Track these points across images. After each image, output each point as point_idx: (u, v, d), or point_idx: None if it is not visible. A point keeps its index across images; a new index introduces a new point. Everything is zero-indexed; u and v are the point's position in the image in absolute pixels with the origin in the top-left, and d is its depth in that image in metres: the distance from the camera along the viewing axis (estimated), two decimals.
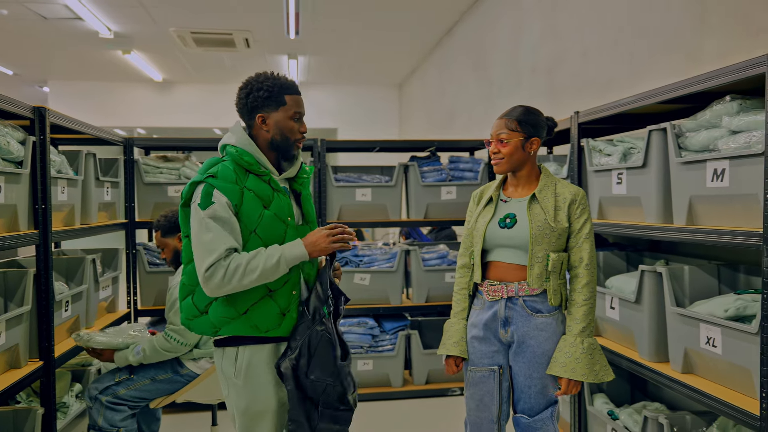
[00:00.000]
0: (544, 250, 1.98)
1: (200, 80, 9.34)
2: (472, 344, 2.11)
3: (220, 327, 1.76)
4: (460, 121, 6.28)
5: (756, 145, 1.82)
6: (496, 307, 2.05)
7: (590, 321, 1.98)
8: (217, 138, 4.15)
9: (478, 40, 5.69)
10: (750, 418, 1.78)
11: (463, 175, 3.97)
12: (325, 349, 1.75)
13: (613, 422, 2.56)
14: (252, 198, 1.75)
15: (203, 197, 1.71)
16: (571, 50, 3.87)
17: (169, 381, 2.62)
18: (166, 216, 2.79)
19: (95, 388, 2.58)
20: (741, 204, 1.89)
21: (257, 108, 1.83)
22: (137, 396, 2.59)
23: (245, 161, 1.78)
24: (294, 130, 1.84)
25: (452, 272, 3.91)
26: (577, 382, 1.95)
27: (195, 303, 1.79)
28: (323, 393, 1.76)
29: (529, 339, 2.01)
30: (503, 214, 2.06)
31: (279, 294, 1.77)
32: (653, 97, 2.22)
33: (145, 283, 3.64)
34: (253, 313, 1.75)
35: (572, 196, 2.02)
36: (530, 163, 2.05)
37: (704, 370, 2.10)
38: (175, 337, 2.52)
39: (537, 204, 2.01)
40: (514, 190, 2.10)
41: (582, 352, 1.94)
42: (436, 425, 3.48)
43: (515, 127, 2.00)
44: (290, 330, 1.80)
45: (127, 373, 2.60)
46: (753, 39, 2.41)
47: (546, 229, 1.97)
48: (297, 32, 6.70)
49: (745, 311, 1.94)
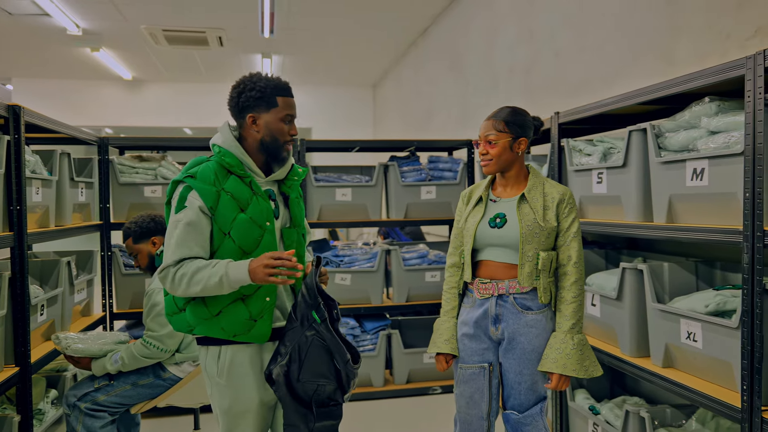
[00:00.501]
0: (534, 249, 2.01)
1: (171, 79, 9.19)
2: (462, 342, 2.12)
3: (194, 326, 1.78)
4: (437, 121, 6.31)
5: (735, 145, 1.88)
6: (486, 304, 2.07)
7: (579, 318, 2.02)
8: (192, 138, 4.11)
9: (453, 41, 5.73)
10: (732, 410, 1.83)
11: (442, 175, 3.99)
12: (316, 353, 1.74)
13: (595, 417, 2.61)
14: (228, 201, 1.75)
15: (179, 200, 1.74)
16: (546, 51, 3.93)
17: (151, 386, 2.57)
18: (137, 222, 2.72)
19: (73, 394, 2.51)
20: (720, 202, 1.95)
21: (248, 108, 1.82)
22: (117, 402, 2.53)
23: (226, 162, 1.78)
24: (284, 132, 1.83)
25: (432, 271, 3.93)
26: (567, 378, 1.98)
27: (175, 300, 1.81)
28: (315, 393, 1.75)
29: (520, 336, 2.03)
30: (493, 214, 2.08)
31: (252, 300, 1.76)
32: (634, 98, 2.27)
33: (121, 286, 3.56)
34: (224, 316, 1.75)
35: (560, 196, 2.05)
36: (518, 163, 2.08)
37: (684, 364, 2.16)
38: (154, 343, 2.47)
39: (526, 204, 2.04)
40: (503, 190, 2.13)
41: (572, 348, 1.97)
42: (417, 424, 3.49)
43: (503, 128, 2.03)
44: (263, 338, 1.78)
45: (106, 378, 2.54)
46: (724, 42, 2.48)
47: (535, 229, 1.99)
48: (272, 31, 6.65)
49: (725, 306, 2.00)
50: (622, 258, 2.97)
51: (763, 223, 1.71)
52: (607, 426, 2.51)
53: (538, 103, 4.00)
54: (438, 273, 3.93)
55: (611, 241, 3.10)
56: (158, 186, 3.59)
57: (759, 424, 1.72)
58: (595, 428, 2.62)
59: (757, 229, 1.72)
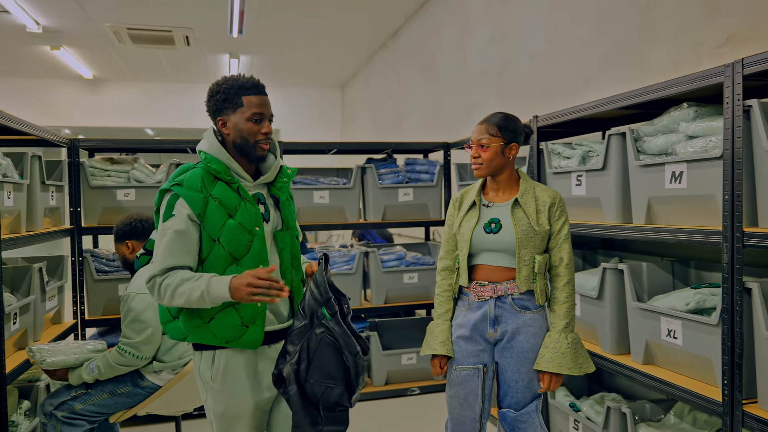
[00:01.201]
0: (530, 253, 2.05)
1: (134, 78, 8.97)
2: (457, 344, 2.14)
3: (187, 334, 1.77)
4: (408, 123, 6.34)
5: (713, 149, 1.96)
6: (485, 307, 2.09)
7: (572, 317, 2.07)
8: (165, 140, 4.02)
9: (425, 42, 5.77)
10: (713, 404, 1.91)
11: (419, 177, 4.02)
12: (326, 351, 1.72)
13: (576, 414, 2.67)
14: (216, 207, 1.73)
15: (166, 208, 1.73)
16: (520, 54, 4.00)
17: (129, 394, 2.50)
18: (119, 223, 2.75)
19: (50, 403, 2.43)
20: (699, 204, 2.03)
21: (218, 111, 1.82)
22: (95, 411, 2.46)
23: (213, 168, 1.76)
24: (253, 131, 1.79)
25: (410, 273, 3.95)
26: (559, 377, 2.03)
27: (168, 308, 1.79)
28: (322, 395, 1.73)
29: (519, 335, 2.07)
30: (487, 219, 2.11)
31: (243, 306, 1.74)
32: (615, 103, 2.33)
33: (93, 292, 3.46)
34: (215, 323, 1.74)
35: (551, 200, 2.09)
36: (509, 167, 2.11)
37: (664, 360, 2.24)
38: (130, 350, 2.41)
39: (520, 208, 2.08)
40: (495, 194, 2.16)
41: (567, 347, 2.02)
42: (397, 425, 3.50)
43: (495, 133, 2.06)
44: (255, 344, 1.76)
45: (84, 387, 2.47)
46: (696, 49, 2.58)
47: (530, 233, 2.03)
48: (240, 31, 6.56)
49: (705, 304, 2.07)
50: (598, 258, 3.05)
51: (743, 224, 1.79)
52: (588, 422, 2.58)
53: (511, 105, 4.07)
54: (416, 274, 3.96)
55: (587, 241, 3.18)
56: (131, 189, 3.50)
57: (740, 417, 1.80)
58: (575, 425, 2.68)
59: (737, 230, 1.79)
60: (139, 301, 2.42)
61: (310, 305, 1.76)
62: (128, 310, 2.43)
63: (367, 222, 3.96)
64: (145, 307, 2.41)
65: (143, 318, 2.40)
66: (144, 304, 2.42)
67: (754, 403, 1.83)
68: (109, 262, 3.51)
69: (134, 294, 2.45)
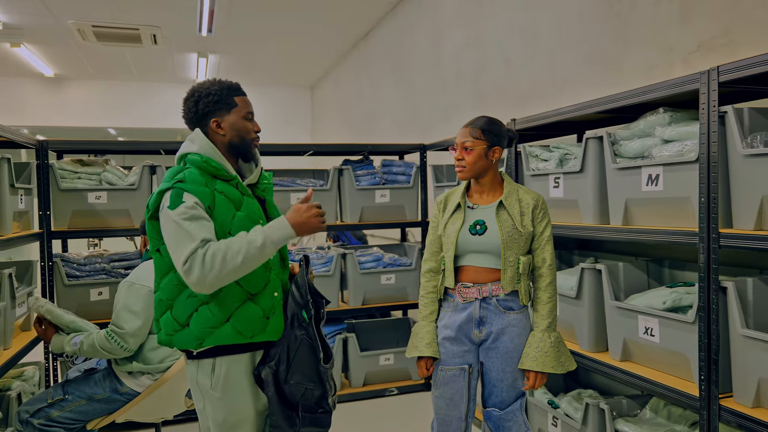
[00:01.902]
0: (515, 255, 2.08)
1: (97, 76, 8.74)
2: (443, 345, 2.16)
3: (203, 338, 1.69)
4: (381, 125, 6.35)
5: (689, 153, 2.03)
6: (470, 308, 2.12)
7: (555, 316, 2.11)
8: (139, 141, 3.94)
9: (398, 44, 5.79)
10: (690, 399, 1.97)
11: (396, 179, 4.04)
12: (305, 353, 1.74)
13: (554, 411, 2.73)
14: (224, 200, 1.73)
15: (172, 199, 1.65)
16: (496, 58, 4.06)
17: (107, 400, 2.45)
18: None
19: (26, 411, 2.37)
20: (675, 206, 2.10)
21: (210, 113, 1.81)
22: (72, 417, 2.41)
23: (213, 167, 1.75)
24: (249, 129, 1.85)
25: (387, 274, 3.96)
26: (544, 375, 2.07)
27: (175, 317, 1.72)
28: (302, 397, 1.74)
29: (503, 335, 2.09)
30: (472, 221, 2.13)
31: (261, 297, 1.74)
32: (594, 107, 2.39)
33: (63, 297, 3.36)
34: (236, 319, 1.70)
35: (534, 202, 2.13)
36: (492, 170, 2.15)
37: (641, 357, 2.31)
38: (117, 339, 2.38)
39: (504, 211, 2.11)
40: (479, 197, 2.18)
41: (550, 346, 2.06)
42: (376, 426, 3.51)
43: (479, 136, 2.09)
44: (277, 333, 1.76)
45: (61, 393, 2.42)
46: (668, 54, 2.67)
47: (515, 235, 2.07)
48: (210, 30, 6.47)
49: (681, 302, 2.15)
50: (575, 258, 3.12)
51: (718, 225, 1.86)
52: (567, 419, 2.63)
53: (488, 108, 4.12)
54: (393, 276, 3.98)
55: (564, 242, 3.25)
56: (103, 192, 3.42)
57: (717, 411, 1.87)
58: (554, 422, 2.74)
59: (713, 231, 1.86)
60: (132, 292, 2.41)
61: (291, 307, 1.78)
62: (117, 299, 2.43)
63: (344, 223, 3.96)
64: (137, 299, 2.40)
65: (134, 309, 2.39)
66: (137, 296, 2.40)
67: (730, 397, 1.91)
68: (80, 266, 3.43)
69: (131, 282, 2.43)
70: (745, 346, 1.83)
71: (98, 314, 3.38)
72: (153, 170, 3.57)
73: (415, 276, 4.03)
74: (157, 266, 1.75)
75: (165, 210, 1.65)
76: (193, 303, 1.69)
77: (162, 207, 1.68)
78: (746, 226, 1.83)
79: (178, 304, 1.71)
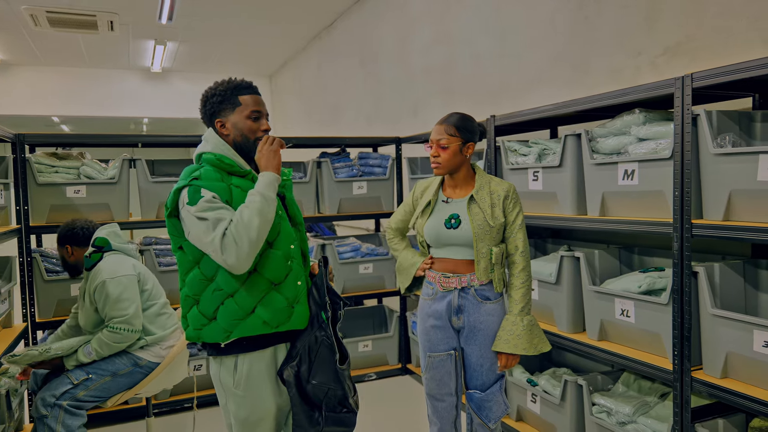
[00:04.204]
0: (487, 246, 2.22)
1: (47, 63, 8.40)
2: (430, 333, 2.30)
3: (231, 330, 1.73)
4: (347, 117, 6.42)
5: (663, 151, 2.23)
6: (449, 297, 2.26)
7: (528, 301, 2.26)
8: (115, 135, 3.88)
9: (364, 37, 5.86)
10: (664, 373, 2.20)
11: (372, 171, 4.15)
12: (326, 354, 1.80)
13: (533, 388, 2.93)
14: (240, 194, 1.75)
15: (191, 195, 1.69)
16: (463, 54, 4.21)
17: (130, 374, 2.61)
18: (64, 225, 2.84)
19: (51, 395, 2.47)
20: (649, 199, 2.30)
21: (215, 114, 1.86)
22: (96, 395, 2.55)
23: (226, 164, 1.79)
24: (253, 129, 1.85)
25: (366, 263, 4.08)
26: (516, 356, 2.23)
27: (202, 311, 1.76)
28: (325, 397, 1.80)
29: (480, 324, 2.25)
30: (447, 215, 2.27)
31: (284, 286, 1.78)
32: (571, 107, 2.57)
33: (43, 293, 3.32)
34: (262, 309, 1.74)
35: (505, 192, 2.27)
36: (466, 165, 2.28)
37: (617, 337, 2.52)
38: (123, 327, 2.52)
39: (475, 204, 2.24)
40: (453, 191, 2.32)
41: (522, 329, 2.21)
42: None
43: (454, 133, 2.22)
44: (304, 321, 1.80)
45: (84, 373, 2.52)
46: (635, 58, 2.88)
47: (486, 227, 2.20)
48: (171, 18, 6.36)
49: (654, 286, 2.37)
50: (549, 246, 3.33)
51: (691, 216, 2.07)
52: (546, 395, 2.84)
53: (457, 102, 4.28)
54: (371, 265, 4.10)
55: (539, 231, 3.45)
56: (82, 186, 3.38)
57: (689, 382, 2.10)
58: (533, 398, 2.95)
59: (686, 221, 2.07)
60: (116, 285, 2.55)
61: (311, 308, 1.84)
62: (106, 296, 2.53)
63: (323, 215, 4.05)
64: (124, 288, 2.55)
65: (124, 297, 2.54)
66: (122, 286, 2.56)
67: (700, 369, 2.14)
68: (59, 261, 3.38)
69: (109, 280, 2.55)
70: (714, 324, 2.06)
71: None
72: (132, 164, 3.55)
73: (391, 264, 4.16)
74: (180, 263, 1.79)
75: (186, 207, 1.69)
76: (219, 297, 1.73)
77: (182, 204, 1.71)
78: (716, 217, 2.05)
79: (204, 299, 1.75)
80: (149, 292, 2.69)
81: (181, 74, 9.06)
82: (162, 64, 8.53)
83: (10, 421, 2.83)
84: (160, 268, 3.53)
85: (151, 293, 2.69)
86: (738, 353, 1.99)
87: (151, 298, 2.69)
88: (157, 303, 2.71)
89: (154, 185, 3.58)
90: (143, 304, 2.65)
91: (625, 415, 2.44)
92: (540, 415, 2.91)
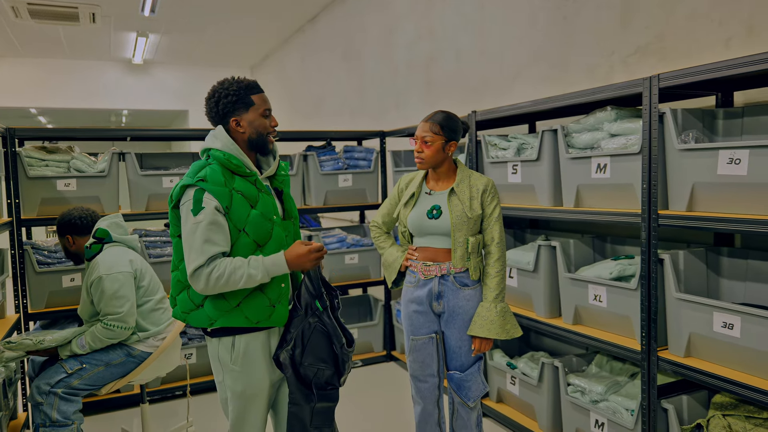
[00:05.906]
0: (464, 236, 2.36)
1: (27, 54, 8.33)
2: (413, 317, 2.44)
3: (215, 319, 1.88)
4: (329, 109, 6.50)
5: (632, 146, 2.38)
6: (430, 284, 2.40)
7: (502, 288, 2.40)
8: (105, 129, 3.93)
9: (347, 31, 5.94)
10: (633, 353, 2.36)
11: (357, 164, 4.26)
12: (318, 339, 1.95)
13: (513, 371, 3.09)
14: (240, 199, 1.88)
15: (194, 203, 1.82)
16: (446, 50, 4.33)
17: (123, 364, 2.68)
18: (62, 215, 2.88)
19: (46, 383, 2.53)
20: (620, 191, 2.45)
21: (230, 113, 1.95)
22: (90, 384, 2.61)
23: (233, 164, 1.90)
24: (266, 126, 1.98)
25: (351, 254, 4.20)
26: (489, 340, 2.37)
27: (191, 298, 1.90)
28: (315, 376, 1.96)
29: (459, 309, 2.39)
30: (430, 206, 2.40)
31: (269, 287, 1.92)
32: (548, 104, 2.71)
33: (35, 285, 3.38)
34: (245, 306, 1.89)
35: (484, 186, 2.40)
36: (448, 160, 2.42)
37: (590, 320, 2.68)
38: (116, 324, 2.58)
39: (455, 196, 2.38)
40: (435, 183, 2.46)
41: (496, 315, 2.35)
42: (344, 396, 3.76)
43: (438, 131, 2.35)
44: (282, 320, 1.96)
45: (78, 363, 2.59)
46: (609, 57, 3.03)
47: (463, 218, 2.34)
48: (153, 10, 6.37)
49: (624, 273, 2.53)
50: (527, 236, 3.48)
51: (658, 207, 2.23)
52: (524, 377, 3.00)
53: (438, 97, 4.40)
54: (356, 255, 4.22)
55: (518, 222, 3.60)
56: (72, 179, 3.44)
57: (656, 361, 2.26)
58: (512, 381, 3.11)
59: (653, 212, 2.23)
60: (112, 282, 2.60)
61: (305, 297, 1.97)
62: (102, 292, 2.59)
63: (309, 207, 4.15)
64: (120, 286, 2.60)
65: (120, 294, 2.59)
66: (118, 283, 2.60)
67: (666, 350, 2.30)
68: (51, 253, 3.45)
69: (105, 276, 2.60)
70: (678, 307, 2.22)
71: (71, 300, 3.42)
72: (121, 157, 3.61)
73: (376, 255, 4.29)
74: (176, 250, 1.91)
75: (187, 211, 1.83)
76: None
77: (183, 203, 1.85)
78: (680, 208, 2.20)
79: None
80: (146, 288, 2.74)
81: (163, 66, 9.04)
82: (144, 56, 8.51)
83: (6, 409, 2.90)
84: (150, 259, 3.61)
85: (147, 289, 2.75)
86: (700, 334, 2.15)
87: (147, 294, 2.75)
88: (152, 299, 2.76)
89: (143, 178, 3.65)
90: (138, 300, 2.70)
91: (598, 394, 2.61)
92: (519, 396, 3.06)
